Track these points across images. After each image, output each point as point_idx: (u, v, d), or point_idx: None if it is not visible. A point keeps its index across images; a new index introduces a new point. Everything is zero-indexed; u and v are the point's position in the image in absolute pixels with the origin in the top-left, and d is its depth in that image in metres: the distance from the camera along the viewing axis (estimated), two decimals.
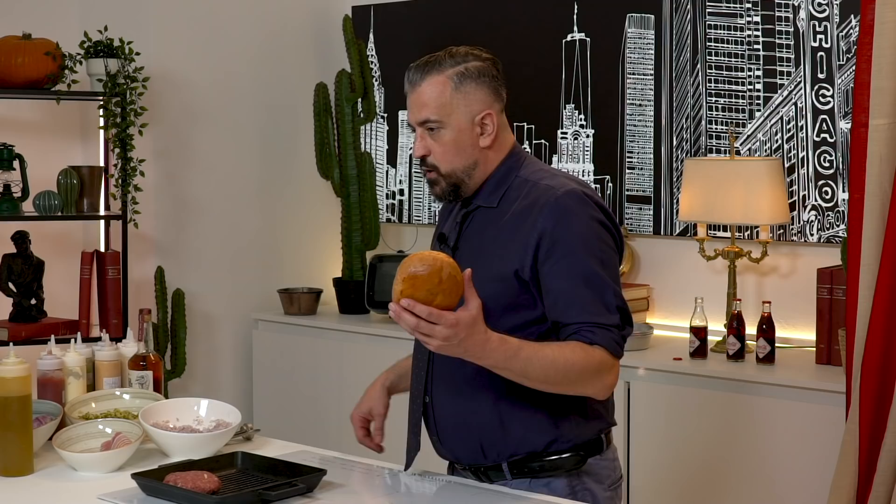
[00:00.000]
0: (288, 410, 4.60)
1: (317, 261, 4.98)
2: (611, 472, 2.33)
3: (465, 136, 2.27)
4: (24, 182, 4.03)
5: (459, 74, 2.26)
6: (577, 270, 2.16)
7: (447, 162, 2.27)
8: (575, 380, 2.13)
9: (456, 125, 2.26)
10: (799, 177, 3.88)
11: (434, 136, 2.27)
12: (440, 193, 2.31)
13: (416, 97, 2.30)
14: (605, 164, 4.29)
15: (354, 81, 4.70)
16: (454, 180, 2.28)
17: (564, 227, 2.18)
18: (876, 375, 3.03)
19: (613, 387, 2.21)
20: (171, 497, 2.13)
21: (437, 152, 2.27)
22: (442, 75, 2.27)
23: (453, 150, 2.27)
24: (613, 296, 2.17)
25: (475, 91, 2.27)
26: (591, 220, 2.21)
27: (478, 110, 2.27)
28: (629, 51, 4.22)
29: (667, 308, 4.17)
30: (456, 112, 2.26)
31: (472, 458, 2.32)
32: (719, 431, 3.56)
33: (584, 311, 2.15)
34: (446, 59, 2.28)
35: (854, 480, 3.07)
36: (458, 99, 2.26)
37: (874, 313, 3.03)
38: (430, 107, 2.27)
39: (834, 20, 3.78)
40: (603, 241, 2.21)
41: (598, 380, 2.16)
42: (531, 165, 2.32)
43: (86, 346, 2.74)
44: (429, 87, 2.27)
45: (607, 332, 2.15)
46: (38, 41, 4.02)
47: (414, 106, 2.30)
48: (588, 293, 2.16)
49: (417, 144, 2.30)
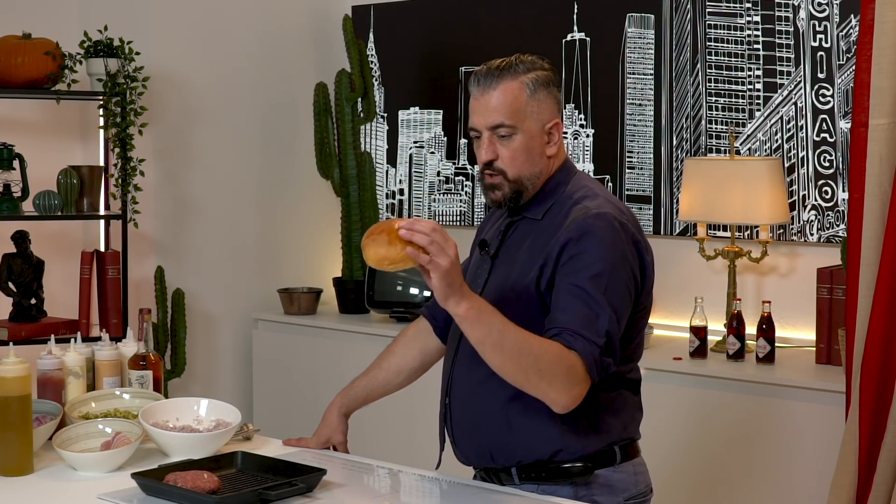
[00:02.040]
0: (288, 410, 4.60)
1: (317, 260, 4.98)
2: (630, 486, 2.29)
3: (535, 142, 2.26)
4: (24, 182, 4.03)
5: (534, 81, 2.25)
6: (581, 288, 2.15)
7: (515, 168, 2.26)
8: (543, 369, 2.08)
9: (528, 131, 2.25)
10: (799, 176, 3.88)
11: (504, 141, 2.25)
12: (500, 199, 2.29)
13: (487, 101, 2.25)
14: (605, 164, 4.29)
15: (354, 81, 4.70)
16: (519, 186, 2.27)
17: (584, 245, 2.17)
18: (876, 375, 3.03)
19: (576, 402, 2.13)
20: (170, 497, 2.13)
21: (504, 157, 2.25)
22: (517, 81, 2.25)
23: (523, 157, 2.25)
24: (607, 321, 2.14)
25: (546, 99, 2.26)
26: (612, 246, 2.18)
27: (547, 118, 2.27)
28: (629, 50, 4.22)
29: (667, 308, 4.17)
30: (529, 118, 2.25)
31: (482, 461, 2.32)
32: (719, 431, 3.56)
33: (572, 319, 2.13)
34: (519, 65, 2.26)
35: (854, 480, 3.07)
36: (532, 105, 2.25)
37: (874, 313, 3.03)
38: (504, 111, 2.24)
39: (834, 20, 3.78)
40: (616, 270, 2.17)
41: (563, 384, 2.10)
42: (579, 181, 2.32)
43: (86, 345, 2.74)
44: (503, 92, 2.24)
45: (588, 344, 2.11)
46: (38, 41, 4.01)
47: (484, 110, 2.25)
48: (583, 309, 2.14)
49: (485, 149, 2.26)
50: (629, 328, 2.24)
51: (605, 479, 2.26)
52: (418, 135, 4.81)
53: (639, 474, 2.33)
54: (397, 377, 2.58)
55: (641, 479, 2.33)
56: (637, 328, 2.28)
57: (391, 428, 4.27)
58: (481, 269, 2.36)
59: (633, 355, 2.30)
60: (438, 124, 4.75)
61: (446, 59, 4.70)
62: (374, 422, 4.37)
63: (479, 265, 2.38)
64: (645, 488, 2.34)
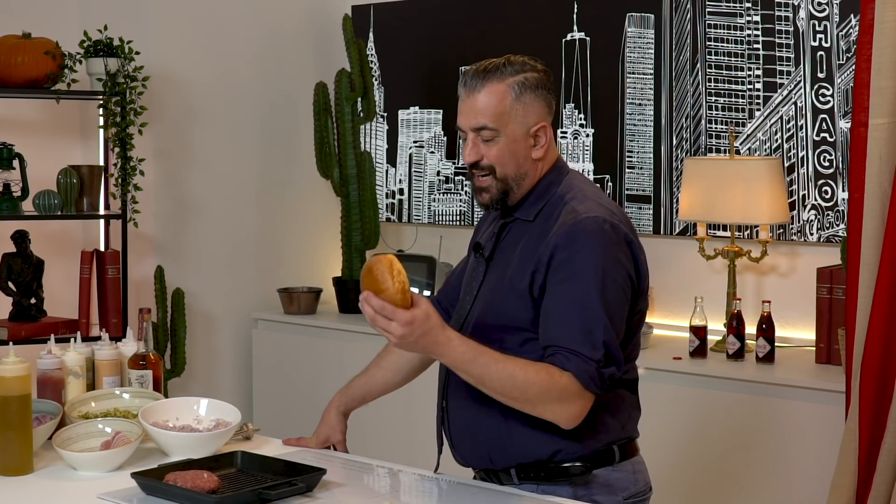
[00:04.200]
0: (287, 410, 4.60)
1: (316, 260, 4.98)
2: (629, 485, 2.29)
3: (518, 146, 2.25)
4: (24, 181, 4.03)
5: (520, 84, 2.24)
6: (574, 297, 2.14)
7: (501, 165, 2.25)
8: (533, 399, 2.11)
9: (511, 135, 2.24)
10: (799, 176, 3.88)
11: (487, 143, 2.25)
12: (489, 201, 2.28)
13: (473, 103, 2.24)
14: (604, 164, 4.29)
15: (354, 81, 4.70)
16: (505, 186, 2.26)
17: (573, 251, 2.16)
18: (876, 375, 3.03)
19: (579, 418, 2.15)
20: (170, 496, 2.13)
21: (490, 157, 2.25)
22: (503, 84, 2.23)
23: (507, 158, 2.25)
24: (603, 331, 2.13)
25: (533, 102, 2.25)
26: (604, 250, 2.17)
27: (533, 122, 2.25)
28: (629, 50, 4.22)
29: (666, 307, 4.17)
30: (513, 122, 2.24)
31: (481, 463, 2.32)
32: (719, 431, 3.56)
33: (566, 336, 2.13)
34: (507, 67, 2.24)
35: (854, 480, 3.07)
36: (517, 109, 2.23)
37: (874, 313, 3.03)
38: (488, 114, 2.23)
39: (834, 20, 3.78)
40: (609, 275, 2.16)
41: (559, 406, 2.12)
42: (570, 182, 2.31)
43: (85, 345, 2.74)
44: (488, 95, 2.23)
45: (583, 362, 2.11)
46: (38, 40, 4.01)
47: (469, 111, 2.25)
48: (577, 322, 2.13)
49: (469, 150, 2.26)
50: (626, 329, 2.23)
51: (604, 478, 2.26)
52: (418, 134, 4.81)
53: (638, 473, 2.32)
54: (396, 376, 2.59)
55: (641, 478, 2.33)
56: (634, 329, 2.28)
57: (391, 428, 4.27)
58: (476, 272, 2.36)
59: (631, 355, 2.30)
60: (438, 124, 4.75)
61: (446, 59, 4.70)
62: (374, 422, 4.37)
63: (475, 268, 2.37)
64: (644, 487, 2.34)
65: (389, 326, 2.05)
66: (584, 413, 2.15)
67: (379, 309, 2.05)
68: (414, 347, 2.10)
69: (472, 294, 2.33)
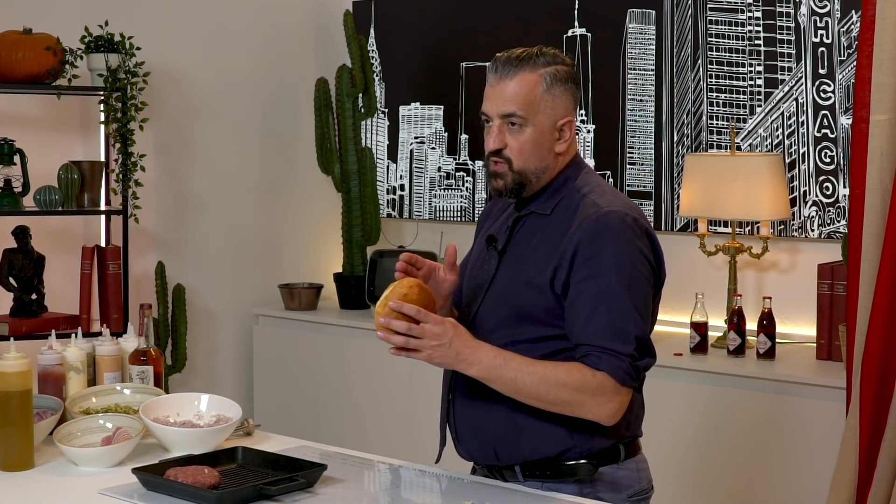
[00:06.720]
0: (288, 405, 4.61)
1: (317, 256, 4.98)
2: (633, 483, 2.30)
3: (544, 137, 2.24)
4: (25, 177, 4.03)
5: (551, 75, 2.23)
6: (602, 292, 2.14)
7: (521, 160, 2.24)
8: (569, 400, 2.13)
9: (539, 125, 2.23)
10: (800, 172, 3.88)
11: (513, 131, 2.24)
12: (502, 188, 2.27)
13: (503, 89, 2.23)
14: (605, 160, 4.29)
15: (355, 76, 4.70)
16: (522, 179, 2.25)
17: (599, 246, 2.16)
18: (876, 371, 3.03)
19: (618, 414, 2.17)
20: (171, 492, 2.13)
21: (513, 147, 2.24)
22: (535, 73, 2.23)
23: (531, 150, 2.24)
24: (634, 325, 2.14)
25: (562, 95, 2.24)
26: (629, 244, 2.17)
27: (561, 115, 2.25)
28: (630, 46, 4.21)
29: (667, 303, 4.13)
30: (542, 113, 2.23)
31: (486, 459, 2.32)
32: (720, 427, 3.56)
33: (598, 334, 2.13)
34: (539, 57, 2.23)
35: (854, 476, 3.07)
36: (546, 100, 2.23)
37: (875, 309, 3.03)
38: (518, 102, 2.22)
39: (835, 15, 3.78)
40: (636, 269, 2.17)
41: (595, 404, 2.14)
42: (587, 178, 2.30)
43: (86, 341, 2.74)
44: (519, 83, 2.22)
45: (616, 359, 2.12)
46: (39, 36, 4.01)
47: (499, 98, 2.24)
48: (607, 318, 2.13)
49: (494, 137, 2.25)
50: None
51: (610, 476, 2.26)
52: (419, 130, 4.81)
53: (641, 471, 2.33)
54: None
55: (644, 476, 2.33)
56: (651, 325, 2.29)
57: (391, 424, 4.28)
58: (488, 265, 2.33)
59: None
60: (439, 120, 4.75)
61: (447, 55, 4.70)
62: (375, 418, 4.37)
63: (486, 260, 2.35)
64: (647, 485, 2.34)
65: (424, 329, 2.07)
66: (623, 408, 2.17)
67: (413, 313, 2.07)
68: (447, 352, 2.10)
69: (484, 287, 2.32)
